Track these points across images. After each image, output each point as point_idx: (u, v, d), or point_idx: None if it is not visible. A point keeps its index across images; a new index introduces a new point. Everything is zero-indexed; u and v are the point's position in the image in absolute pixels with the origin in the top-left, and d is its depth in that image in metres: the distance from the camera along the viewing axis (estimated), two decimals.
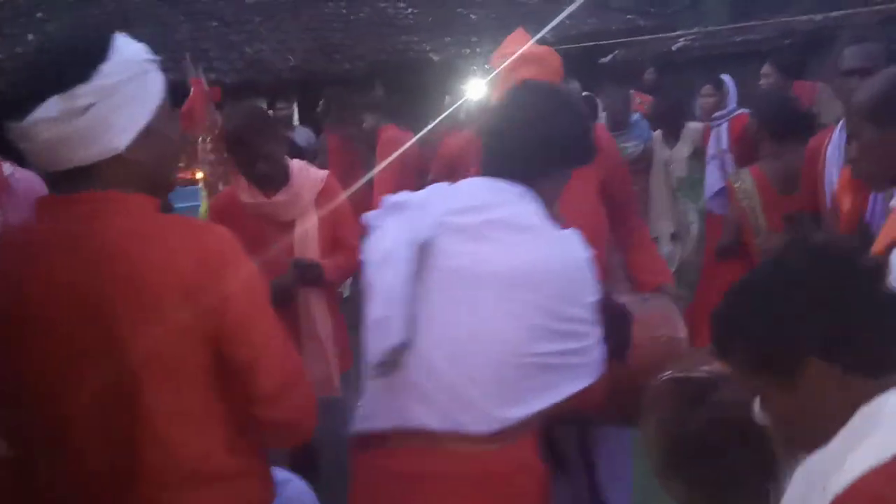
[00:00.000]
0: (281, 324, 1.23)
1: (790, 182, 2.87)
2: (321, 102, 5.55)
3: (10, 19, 7.54)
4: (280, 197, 2.40)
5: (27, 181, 2.16)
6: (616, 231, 2.31)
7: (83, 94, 1.08)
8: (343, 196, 2.56)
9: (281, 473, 1.41)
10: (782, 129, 3.02)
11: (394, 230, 1.37)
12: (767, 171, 3.01)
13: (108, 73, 1.09)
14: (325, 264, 2.41)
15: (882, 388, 0.92)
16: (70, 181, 1.13)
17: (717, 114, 4.47)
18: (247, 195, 2.40)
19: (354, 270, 2.52)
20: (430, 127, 3.55)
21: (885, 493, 0.86)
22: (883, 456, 0.88)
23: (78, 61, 1.09)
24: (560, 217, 1.50)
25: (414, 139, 4.08)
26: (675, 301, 2.06)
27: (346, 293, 4.22)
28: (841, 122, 2.43)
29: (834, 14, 6.22)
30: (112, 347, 1.10)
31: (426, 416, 1.32)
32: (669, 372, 1.61)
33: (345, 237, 2.53)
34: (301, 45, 7.95)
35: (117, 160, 1.13)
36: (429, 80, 6.43)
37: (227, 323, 1.13)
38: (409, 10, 9.34)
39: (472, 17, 9.27)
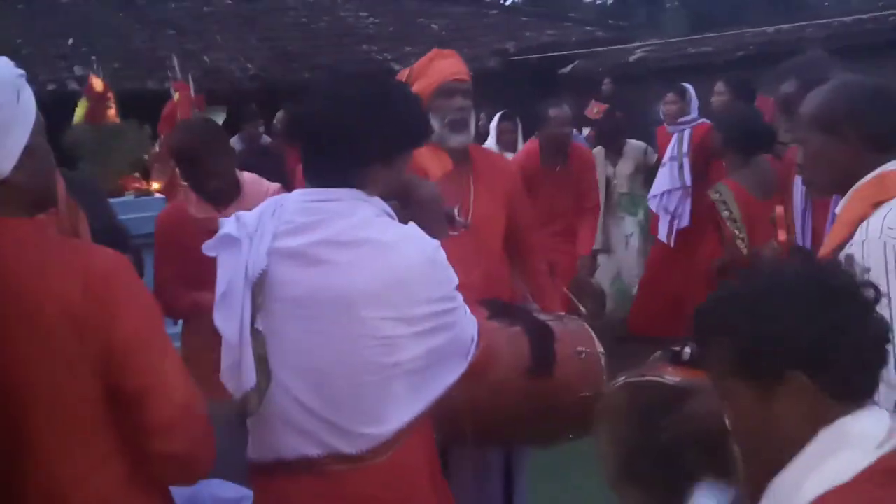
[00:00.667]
0: (174, 351, 1.17)
1: (766, 187, 3.02)
2: (278, 115, 5.54)
3: None
4: (231, 211, 2.34)
5: None
6: (511, 254, 2.30)
7: None
8: None
9: (234, 490, 1.40)
10: (745, 145, 3.17)
11: (228, 268, 1.35)
12: (741, 181, 3.14)
13: None
14: None
15: (843, 412, 0.92)
16: None
17: (681, 119, 4.71)
18: (197, 210, 2.35)
19: None
20: None
21: None
22: (846, 475, 0.88)
23: None
24: (408, 209, 1.47)
25: None
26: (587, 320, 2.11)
27: None
28: None
29: (786, 27, 6.39)
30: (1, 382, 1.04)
31: (302, 446, 1.33)
32: (623, 379, 1.61)
33: None
34: (259, 53, 7.88)
35: (4, 185, 1.08)
36: None
37: (115, 351, 1.08)
38: (370, 19, 9.34)
39: (434, 26, 9.31)
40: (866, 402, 0.95)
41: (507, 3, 19.57)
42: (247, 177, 2.45)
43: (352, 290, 1.29)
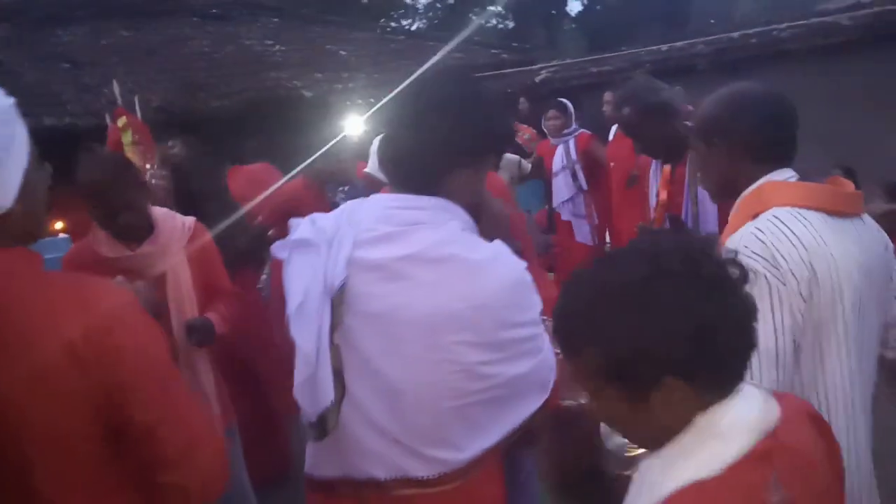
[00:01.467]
0: (181, 382, 1.15)
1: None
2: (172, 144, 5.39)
3: None
4: (146, 248, 2.25)
5: None
6: None
7: None
8: (211, 241, 2.46)
9: None
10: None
11: (304, 275, 1.27)
12: None
13: None
14: (213, 319, 2.29)
15: (717, 400, 0.90)
16: None
17: (565, 132, 5.36)
18: (107, 248, 2.23)
19: (239, 316, 2.43)
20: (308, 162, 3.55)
21: None
22: (708, 472, 0.86)
23: None
24: (487, 208, 1.41)
25: (287, 177, 4.12)
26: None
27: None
28: None
29: (678, 44, 6.75)
30: None
31: (371, 467, 1.26)
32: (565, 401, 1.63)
33: (219, 284, 2.45)
34: (161, 85, 7.64)
35: (2, 217, 1.05)
36: (302, 116, 6.35)
37: (121, 388, 1.05)
38: (277, 46, 9.23)
39: (342, 53, 9.30)
40: (738, 384, 0.93)
41: (413, 28, 19.84)
42: (158, 211, 2.35)
43: (435, 311, 1.21)
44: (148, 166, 3.81)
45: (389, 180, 1.36)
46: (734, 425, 0.89)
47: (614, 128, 5.19)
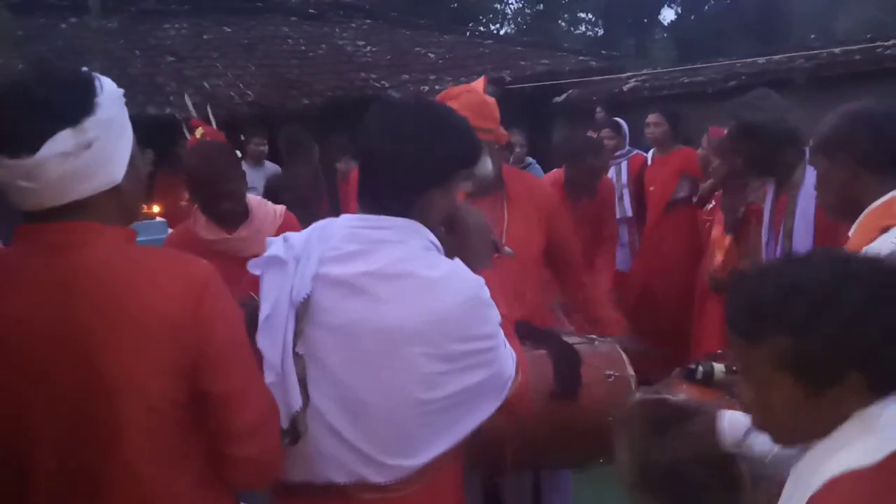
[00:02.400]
0: (254, 358, 1.22)
1: None
2: (280, 138, 5.60)
3: None
4: (242, 233, 2.39)
5: None
6: (554, 271, 2.31)
7: (90, 126, 1.08)
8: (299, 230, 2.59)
9: None
10: None
11: (273, 289, 1.37)
12: None
13: (106, 104, 1.10)
14: None
15: (878, 398, 0.94)
16: (55, 213, 1.10)
17: (618, 153, 5.03)
18: (206, 231, 2.38)
19: None
20: None
21: (856, 495, 0.88)
22: (865, 461, 0.90)
23: (81, 93, 1.08)
24: (453, 232, 1.47)
25: None
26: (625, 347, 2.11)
27: None
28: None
29: (776, 57, 6.52)
30: (90, 381, 1.08)
31: (331, 472, 1.34)
32: (639, 395, 1.64)
33: None
34: (258, 80, 7.94)
35: (112, 191, 1.13)
36: None
37: (208, 357, 1.12)
38: (368, 47, 9.45)
39: (430, 55, 9.43)
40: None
41: (501, 32, 19.88)
42: (253, 199, 2.49)
43: (393, 324, 1.29)
44: None
45: (360, 198, 1.43)
46: (891, 425, 0.92)
47: (652, 150, 5.07)
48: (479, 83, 2.36)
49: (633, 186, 4.90)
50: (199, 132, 4.27)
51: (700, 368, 1.64)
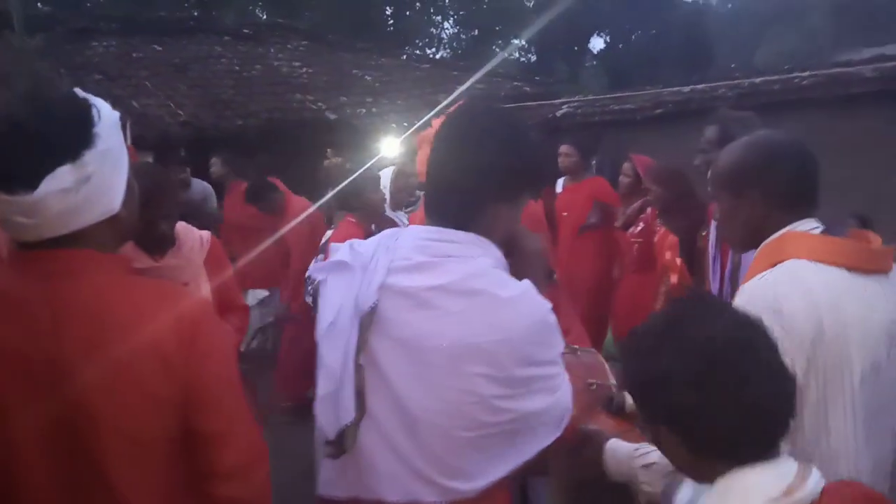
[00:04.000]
0: (244, 396, 1.19)
1: None
2: (213, 162, 5.55)
3: None
4: (170, 260, 2.31)
5: None
6: None
7: (90, 160, 1.05)
8: (225, 256, 2.57)
9: None
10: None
11: (338, 296, 1.32)
12: None
13: (104, 135, 1.07)
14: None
15: (744, 465, 0.99)
16: (51, 242, 1.07)
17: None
18: (133, 259, 2.30)
19: (246, 330, 2.51)
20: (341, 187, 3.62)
21: None
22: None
23: (79, 126, 1.05)
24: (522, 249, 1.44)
25: (316, 206, 4.27)
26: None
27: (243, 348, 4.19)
28: None
29: (700, 86, 6.82)
30: (78, 413, 1.04)
31: (381, 489, 1.28)
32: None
33: (233, 298, 2.54)
34: (190, 100, 7.79)
35: (110, 219, 1.11)
36: (325, 139, 6.46)
37: (198, 394, 1.10)
38: (304, 69, 9.41)
39: (368, 78, 9.46)
40: (774, 454, 1.00)
41: (437, 57, 20.13)
42: (179, 226, 2.41)
43: (459, 342, 1.24)
44: None
45: (427, 210, 1.39)
46: (752, 492, 0.96)
47: (564, 178, 5.26)
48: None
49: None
50: None
51: (614, 400, 1.70)
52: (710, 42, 20.76)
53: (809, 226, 1.46)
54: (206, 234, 2.48)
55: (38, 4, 15.95)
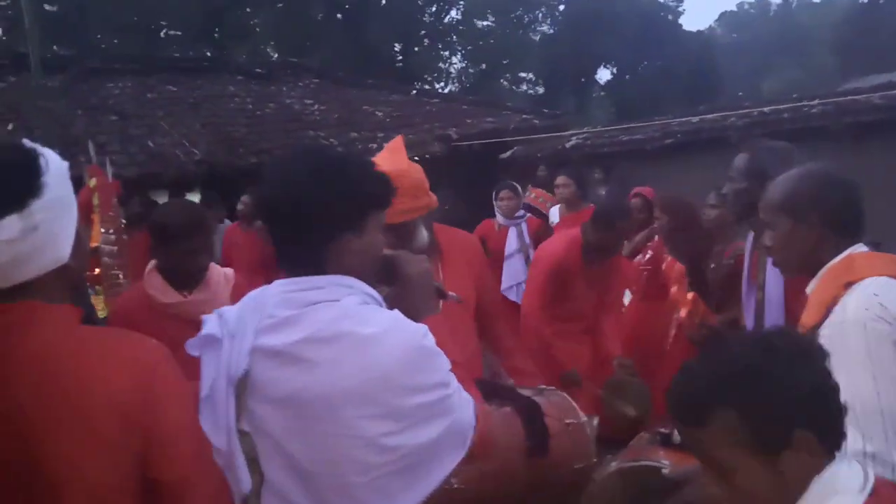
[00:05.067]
0: (205, 439, 1.18)
1: None
2: (243, 200, 5.60)
3: None
4: (199, 295, 2.33)
5: None
6: (481, 324, 2.36)
7: (37, 209, 1.04)
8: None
9: None
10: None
11: (211, 369, 1.31)
12: None
13: (52, 184, 1.07)
14: None
15: (828, 462, 1.01)
16: None
17: (517, 214, 5.24)
18: (161, 294, 2.32)
19: None
20: None
21: None
22: None
23: (25, 176, 1.05)
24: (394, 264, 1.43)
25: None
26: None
27: None
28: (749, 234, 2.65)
29: (709, 116, 6.86)
30: (32, 470, 1.03)
31: None
32: (615, 463, 1.63)
33: None
34: (204, 138, 7.91)
35: (59, 269, 1.09)
36: None
37: (158, 442, 1.08)
38: (316, 106, 9.54)
39: (378, 113, 9.57)
40: (839, 450, 1.04)
41: (446, 91, 20.38)
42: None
43: (333, 389, 1.23)
44: (102, 230, 3.91)
45: (280, 262, 1.37)
46: (849, 484, 1.00)
47: (556, 208, 5.28)
48: (397, 148, 2.28)
49: (536, 243, 4.94)
50: (92, 182, 4.18)
51: (672, 436, 1.66)
52: (715, 72, 20.92)
53: (863, 248, 1.59)
54: (229, 271, 2.50)
55: (55, 47, 16.33)
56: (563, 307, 3.45)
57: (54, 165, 1.09)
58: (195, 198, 7.59)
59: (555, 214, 5.45)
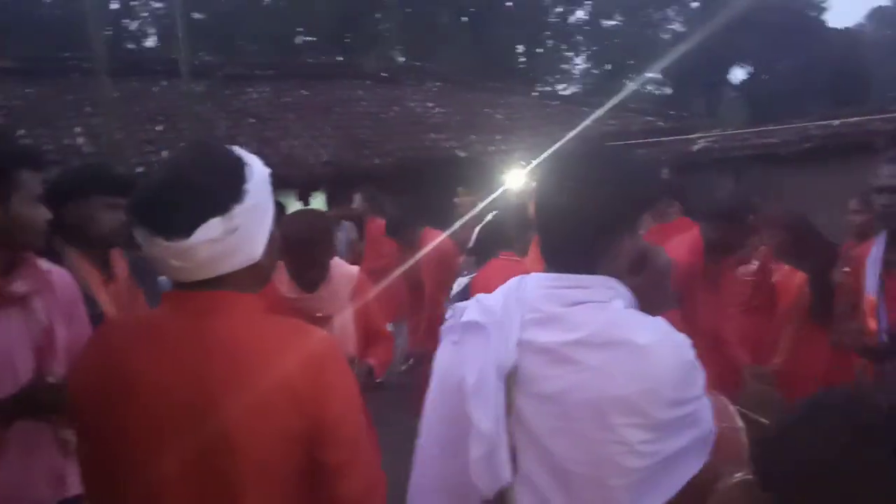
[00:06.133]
0: (366, 428, 1.26)
1: None
2: (355, 199, 5.83)
3: (58, 112, 7.98)
4: (321, 293, 2.50)
5: (62, 279, 1.99)
6: None
7: (238, 213, 1.15)
8: (374, 289, 2.68)
9: None
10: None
11: (478, 357, 1.32)
12: None
13: (253, 191, 1.18)
14: (375, 364, 2.53)
15: None
16: (200, 283, 1.18)
17: None
18: (287, 289, 2.49)
19: (392, 360, 2.62)
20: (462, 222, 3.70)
21: None
22: None
23: (232, 182, 1.16)
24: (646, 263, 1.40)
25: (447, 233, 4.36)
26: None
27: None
28: (881, 235, 2.53)
29: (851, 120, 6.39)
30: (215, 440, 1.13)
31: None
32: (740, 474, 1.58)
33: (378, 329, 2.66)
34: (332, 140, 8.27)
35: (251, 266, 1.21)
36: (455, 176, 6.63)
37: (324, 427, 1.17)
38: (437, 109, 9.73)
39: (498, 116, 9.63)
40: None
41: (568, 93, 20.15)
42: (332, 261, 2.58)
43: (602, 395, 1.25)
44: None
45: (546, 256, 1.38)
46: None
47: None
48: None
49: None
50: None
51: None
52: (863, 73, 19.41)
53: None
54: (354, 268, 2.66)
55: (201, 54, 17.60)
56: (687, 316, 3.30)
57: (257, 174, 1.20)
58: (321, 197, 7.96)
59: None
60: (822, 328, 3.39)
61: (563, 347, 1.28)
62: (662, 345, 1.28)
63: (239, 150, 1.22)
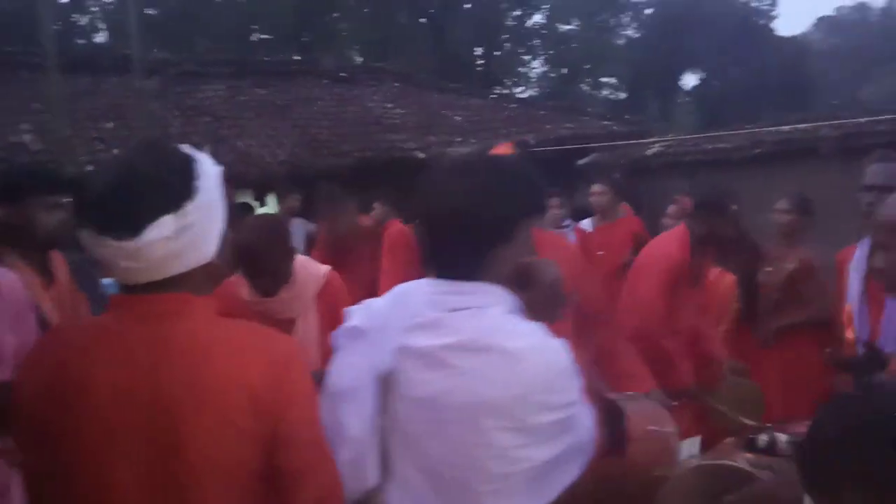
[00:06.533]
0: (324, 433, 1.24)
1: None
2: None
3: (5, 108, 7.71)
4: (283, 295, 2.41)
5: (10, 283, 1.91)
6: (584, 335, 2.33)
7: (191, 211, 1.12)
8: (344, 292, 2.56)
9: None
10: None
11: (356, 360, 1.35)
12: None
13: (204, 188, 1.15)
14: None
15: None
16: (151, 286, 1.15)
17: (563, 223, 5.37)
18: (246, 292, 2.42)
19: None
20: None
21: None
22: None
23: (183, 179, 1.13)
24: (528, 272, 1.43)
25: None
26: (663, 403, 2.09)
27: None
28: (865, 238, 2.54)
29: (801, 126, 6.58)
30: (171, 451, 1.11)
31: None
32: (695, 460, 1.61)
33: None
34: (289, 140, 8.18)
35: (205, 266, 1.18)
36: (413, 177, 6.61)
37: (283, 432, 1.15)
38: (396, 110, 9.70)
39: (456, 118, 9.65)
40: None
41: (525, 96, 20.30)
42: (298, 261, 2.49)
43: (475, 398, 1.26)
44: None
45: (429, 262, 1.39)
46: None
47: (594, 218, 5.21)
48: (504, 148, 2.41)
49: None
50: None
51: (763, 437, 1.62)
52: (810, 80, 20.02)
53: None
54: (324, 268, 2.55)
55: (154, 50, 17.21)
56: (673, 313, 3.19)
57: (208, 171, 1.18)
58: (275, 197, 7.86)
59: (587, 225, 5.41)
60: (749, 329, 3.50)
61: (438, 351, 1.29)
62: (535, 350, 1.29)
63: (187, 148, 1.20)
